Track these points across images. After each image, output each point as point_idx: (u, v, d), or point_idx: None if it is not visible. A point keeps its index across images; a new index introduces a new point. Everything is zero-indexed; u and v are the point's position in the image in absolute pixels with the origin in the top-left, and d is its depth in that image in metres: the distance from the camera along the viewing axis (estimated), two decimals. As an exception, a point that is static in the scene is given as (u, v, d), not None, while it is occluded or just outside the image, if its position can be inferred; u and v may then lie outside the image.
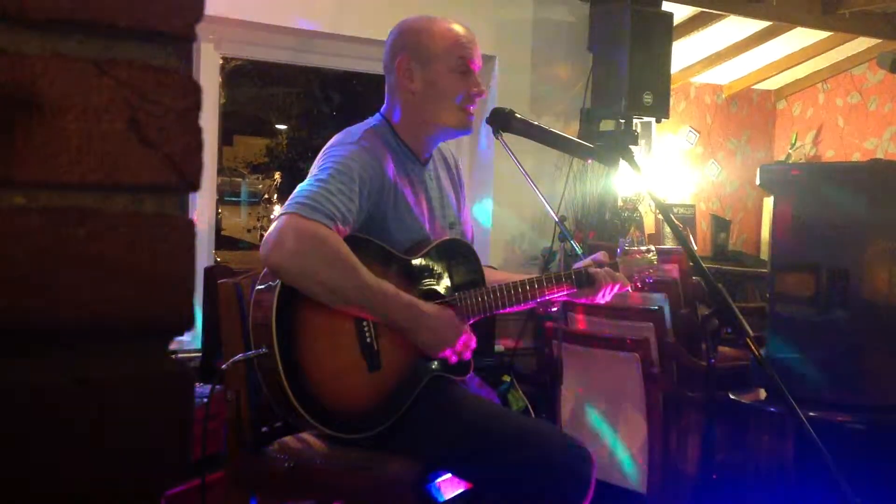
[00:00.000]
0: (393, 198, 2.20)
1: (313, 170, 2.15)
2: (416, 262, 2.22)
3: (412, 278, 2.21)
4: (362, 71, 4.79)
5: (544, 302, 2.41)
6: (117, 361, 0.72)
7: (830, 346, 2.86)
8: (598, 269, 2.38)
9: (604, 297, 2.38)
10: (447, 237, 2.34)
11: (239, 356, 2.13)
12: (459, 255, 2.33)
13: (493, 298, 2.28)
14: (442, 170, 2.44)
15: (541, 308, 2.53)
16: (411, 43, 2.27)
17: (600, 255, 2.46)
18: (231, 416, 2.24)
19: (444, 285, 2.26)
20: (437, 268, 2.26)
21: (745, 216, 6.75)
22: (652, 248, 2.55)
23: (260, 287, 2.08)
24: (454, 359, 2.21)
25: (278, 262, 1.99)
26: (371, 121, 2.32)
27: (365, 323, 2.11)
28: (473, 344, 2.24)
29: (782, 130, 6.95)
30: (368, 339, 2.11)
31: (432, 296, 2.23)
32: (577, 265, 2.41)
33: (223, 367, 2.17)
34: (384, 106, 2.35)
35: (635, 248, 2.50)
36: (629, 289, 2.46)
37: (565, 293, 2.36)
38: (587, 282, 2.35)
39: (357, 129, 2.26)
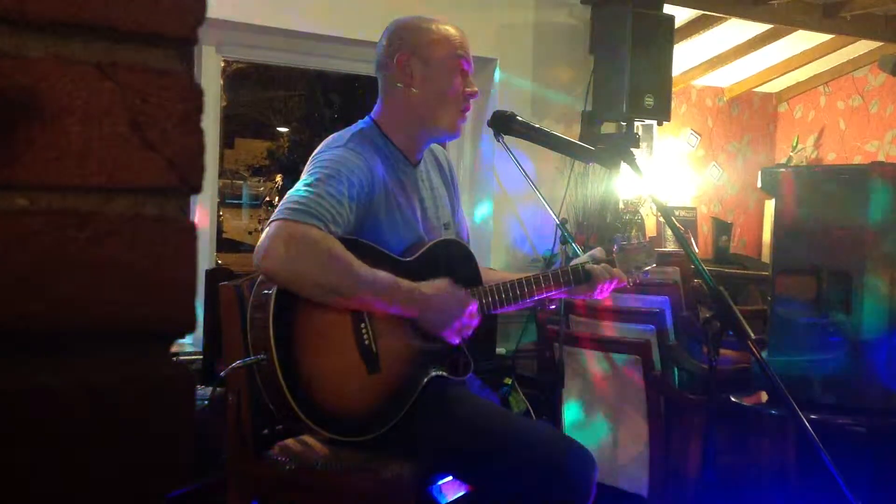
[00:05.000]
0: (384, 200, 2.20)
1: (303, 175, 2.15)
2: (412, 263, 2.22)
3: (408, 279, 2.20)
4: (363, 73, 4.79)
5: (542, 300, 2.41)
6: (118, 364, 0.72)
7: (831, 349, 2.85)
8: (595, 266, 2.38)
9: (601, 292, 2.39)
10: (442, 238, 2.34)
11: (238, 363, 2.13)
12: (455, 255, 2.33)
13: (491, 298, 2.28)
14: (434, 171, 2.44)
15: (540, 307, 2.54)
16: (412, 41, 2.27)
17: (597, 251, 2.46)
18: (232, 418, 2.24)
19: None
20: (433, 268, 2.25)
21: (746, 219, 6.75)
22: (646, 243, 2.55)
23: (257, 292, 2.08)
24: (468, 331, 2.20)
25: (272, 269, 1.99)
26: (360, 124, 2.32)
27: (363, 325, 2.11)
28: (476, 311, 2.22)
29: (783, 133, 6.96)
30: (367, 342, 2.11)
31: None
32: (573, 262, 2.42)
33: (222, 373, 2.18)
34: (375, 108, 2.35)
35: (632, 244, 2.50)
36: (627, 284, 2.46)
37: (563, 290, 2.37)
38: (584, 278, 2.36)
39: (345, 133, 2.27)
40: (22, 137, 0.68)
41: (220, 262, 5.26)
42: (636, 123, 4.74)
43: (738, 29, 5.57)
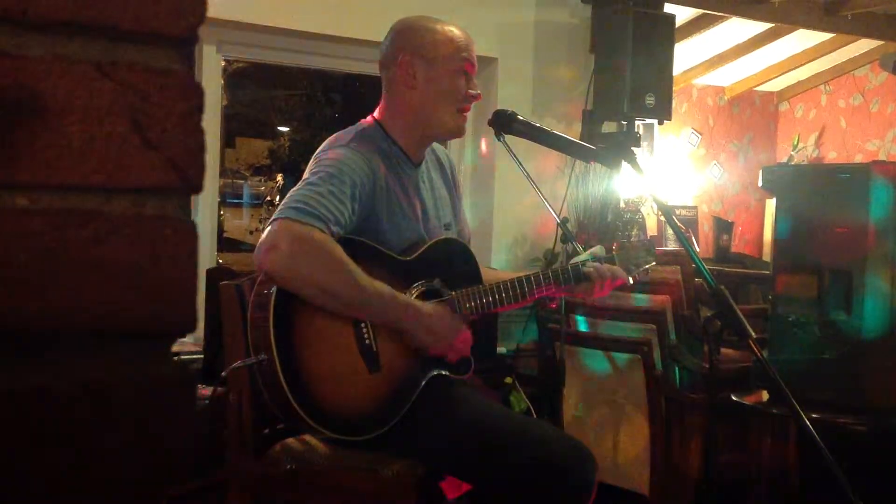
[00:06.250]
0: (385, 200, 2.20)
1: (305, 174, 2.16)
2: (412, 262, 2.22)
3: (408, 279, 2.21)
4: (364, 73, 4.79)
5: (542, 298, 2.40)
6: (119, 363, 0.72)
7: (832, 348, 2.85)
8: (595, 263, 2.38)
9: (601, 290, 2.39)
10: (442, 237, 2.34)
11: (238, 363, 2.14)
12: (455, 254, 2.33)
13: (490, 297, 2.28)
14: (435, 171, 2.44)
15: (541, 306, 2.54)
16: (416, 41, 2.27)
17: (598, 249, 2.46)
18: (233, 418, 2.24)
19: (440, 285, 2.26)
20: (433, 267, 2.25)
21: (747, 218, 6.75)
22: (647, 241, 2.55)
23: (258, 291, 2.08)
24: (454, 358, 2.20)
25: (273, 267, 1.99)
26: (362, 124, 2.33)
27: (363, 324, 2.11)
28: (471, 342, 2.23)
29: (784, 132, 6.95)
30: (367, 341, 2.11)
31: (429, 295, 2.23)
32: (573, 260, 2.42)
33: (223, 374, 2.18)
34: (378, 107, 2.36)
35: (633, 242, 2.50)
36: (628, 282, 2.46)
37: (563, 289, 2.37)
38: (584, 276, 2.36)
39: (348, 133, 2.27)
40: (22, 137, 0.68)
41: (220, 261, 5.26)
42: (637, 122, 4.73)
43: (738, 28, 5.57)
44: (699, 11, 5.23)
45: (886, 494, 2.80)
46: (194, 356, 3.69)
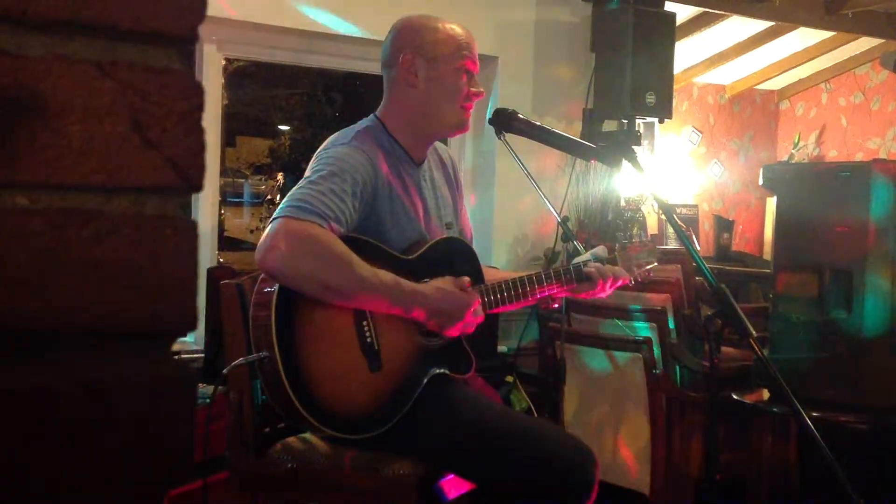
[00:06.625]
0: (387, 198, 2.20)
1: (307, 173, 2.15)
2: (414, 261, 2.22)
3: (410, 277, 2.20)
4: (365, 72, 4.79)
5: (544, 298, 2.41)
6: (119, 363, 0.72)
7: (833, 347, 2.85)
8: (597, 264, 2.38)
9: (603, 291, 2.39)
10: (444, 236, 2.34)
11: (239, 360, 2.13)
12: (457, 253, 2.33)
13: (493, 296, 2.28)
14: (437, 170, 2.44)
15: (542, 306, 2.54)
16: (417, 40, 2.27)
17: (600, 249, 2.46)
18: (234, 417, 2.24)
19: None
20: (435, 267, 2.25)
21: (747, 216, 6.75)
22: (648, 242, 2.55)
23: (259, 290, 2.08)
24: (470, 329, 2.21)
25: (274, 266, 1.99)
26: (364, 122, 2.33)
27: (365, 323, 2.11)
28: (482, 312, 2.23)
29: (785, 130, 6.95)
30: (369, 339, 2.11)
31: None
32: (576, 260, 2.42)
33: (224, 371, 2.18)
34: (380, 106, 2.36)
35: (634, 243, 2.51)
36: (630, 282, 2.46)
37: (565, 288, 2.37)
38: (586, 276, 2.36)
39: (350, 131, 2.27)
40: (22, 136, 0.68)
41: (221, 260, 5.26)
42: (637, 121, 4.73)
43: (739, 26, 5.57)
44: (700, 10, 5.22)
45: (887, 492, 2.80)
46: (194, 356, 3.69)
